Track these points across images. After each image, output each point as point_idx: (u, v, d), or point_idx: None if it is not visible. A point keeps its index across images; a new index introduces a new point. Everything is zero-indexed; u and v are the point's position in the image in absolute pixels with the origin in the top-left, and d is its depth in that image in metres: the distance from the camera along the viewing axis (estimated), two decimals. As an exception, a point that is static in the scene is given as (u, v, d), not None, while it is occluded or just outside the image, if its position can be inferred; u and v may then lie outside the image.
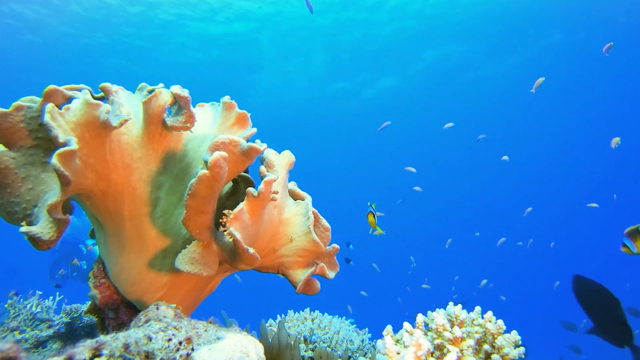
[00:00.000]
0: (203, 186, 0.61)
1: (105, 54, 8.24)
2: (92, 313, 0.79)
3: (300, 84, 10.16)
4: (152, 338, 0.51)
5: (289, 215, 0.84)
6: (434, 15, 7.79)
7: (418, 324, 0.75)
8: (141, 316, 0.64)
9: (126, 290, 0.75)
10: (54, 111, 0.60)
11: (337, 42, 8.60)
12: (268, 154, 0.78)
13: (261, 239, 0.78)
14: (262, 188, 0.68)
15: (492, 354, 0.70)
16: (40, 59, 8.04)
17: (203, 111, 0.85)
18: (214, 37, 8.06)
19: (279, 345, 0.93)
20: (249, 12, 7.41)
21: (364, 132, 12.81)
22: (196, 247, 0.66)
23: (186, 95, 0.70)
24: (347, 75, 9.86)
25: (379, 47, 8.79)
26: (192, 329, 0.58)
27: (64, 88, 0.69)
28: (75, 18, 6.93)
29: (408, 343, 0.62)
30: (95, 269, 0.78)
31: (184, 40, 8.05)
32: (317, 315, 1.35)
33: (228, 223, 0.64)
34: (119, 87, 0.76)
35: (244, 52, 8.61)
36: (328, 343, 1.22)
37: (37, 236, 0.58)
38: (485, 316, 0.77)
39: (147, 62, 8.63)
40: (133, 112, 0.73)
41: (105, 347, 0.45)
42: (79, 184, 0.63)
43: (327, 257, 0.85)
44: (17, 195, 0.66)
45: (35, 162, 0.68)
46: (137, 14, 7.05)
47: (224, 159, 0.61)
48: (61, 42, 7.64)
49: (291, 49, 8.71)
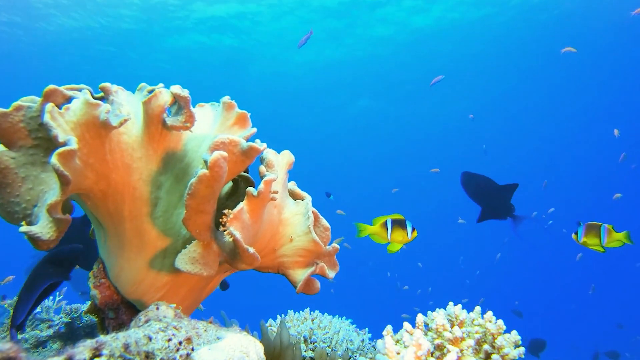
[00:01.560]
0: (203, 186, 0.61)
1: (99, 40, 8.06)
2: (92, 313, 0.79)
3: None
4: (152, 338, 0.51)
5: (289, 215, 0.84)
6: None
7: (418, 324, 0.75)
8: (141, 316, 0.64)
9: (126, 290, 0.75)
10: (54, 111, 0.60)
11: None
12: (268, 154, 0.78)
13: (261, 239, 0.78)
14: (262, 188, 0.68)
15: (492, 354, 0.70)
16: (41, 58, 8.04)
17: (203, 111, 0.85)
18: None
19: (280, 345, 0.93)
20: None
21: (363, 132, 12.83)
22: (196, 247, 0.66)
23: (186, 95, 0.70)
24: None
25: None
26: (192, 329, 0.58)
27: (63, 88, 0.69)
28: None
29: (408, 343, 0.62)
30: (95, 269, 0.78)
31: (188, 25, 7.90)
32: (317, 315, 1.35)
33: (228, 223, 0.64)
34: (118, 87, 0.76)
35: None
36: (328, 343, 1.22)
37: (37, 236, 0.58)
38: (485, 316, 0.77)
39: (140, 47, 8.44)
40: (133, 112, 0.73)
41: (105, 347, 0.45)
42: (78, 184, 0.63)
43: (327, 256, 0.85)
44: (17, 195, 0.66)
45: (35, 162, 0.68)
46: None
47: (224, 158, 0.61)
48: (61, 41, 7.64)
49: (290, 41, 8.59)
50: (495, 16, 7.79)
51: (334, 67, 9.59)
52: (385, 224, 1.43)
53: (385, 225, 1.43)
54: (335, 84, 10.32)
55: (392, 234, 1.43)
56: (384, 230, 1.44)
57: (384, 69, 9.67)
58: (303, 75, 9.99)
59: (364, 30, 8.28)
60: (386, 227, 1.43)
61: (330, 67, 9.60)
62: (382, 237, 1.45)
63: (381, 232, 1.44)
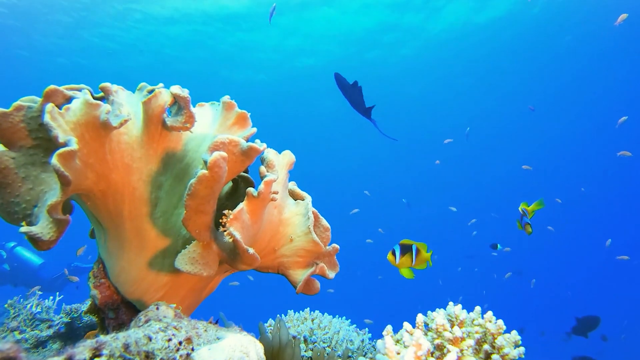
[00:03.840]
0: (203, 186, 0.61)
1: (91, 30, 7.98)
2: (92, 313, 0.79)
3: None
4: (152, 338, 0.51)
5: (289, 215, 0.84)
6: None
7: (418, 324, 0.76)
8: (141, 316, 0.64)
9: (126, 290, 0.75)
10: (54, 111, 0.60)
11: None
12: (268, 154, 0.78)
13: (261, 239, 0.78)
14: (262, 188, 0.68)
15: (492, 354, 0.70)
16: (38, 59, 8.03)
17: (203, 111, 0.85)
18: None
19: (279, 343, 0.93)
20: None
21: (363, 131, 12.81)
22: (196, 247, 0.66)
23: (186, 95, 0.70)
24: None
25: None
26: (192, 329, 0.58)
27: (64, 88, 0.69)
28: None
29: (408, 343, 0.62)
30: (95, 269, 0.78)
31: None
32: (317, 315, 1.35)
33: (228, 223, 0.64)
34: (119, 87, 0.75)
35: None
36: (328, 343, 1.22)
37: (37, 236, 0.58)
38: (485, 316, 0.77)
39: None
40: (133, 112, 0.73)
41: (105, 347, 0.45)
42: (78, 184, 0.63)
43: (327, 257, 0.85)
44: (17, 195, 0.66)
45: (35, 162, 0.68)
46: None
47: (223, 159, 0.61)
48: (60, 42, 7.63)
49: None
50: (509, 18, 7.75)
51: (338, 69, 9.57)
52: (394, 251, 1.45)
53: (394, 252, 1.45)
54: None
55: (402, 259, 1.43)
56: (393, 256, 1.45)
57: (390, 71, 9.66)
58: (304, 75, 9.99)
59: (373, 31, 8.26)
60: (394, 254, 1.44)
61: (334, 69, 9.58)
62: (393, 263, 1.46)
63: (391, 258, 1.45)
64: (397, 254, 1.43)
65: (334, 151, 14.14)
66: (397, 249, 1.43)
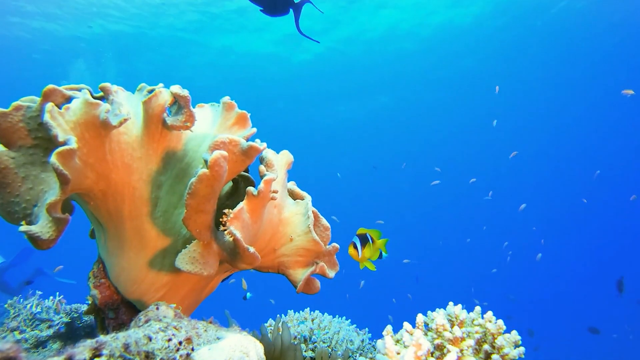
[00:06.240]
0: (203, 185, 0.60)
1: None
2: (92, 313, 0.79)
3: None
4: (152, 338, 0.51)
5: (289, 215, 0.84)
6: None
7: (418, 324, 0.75)
8: (141, 316, 0.64)
9: (126, 290, 0.75)
10: (54, 110, 0.60)
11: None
12: (267, 154, 0.78)
13: (261, 239, 0.78)
14: (262, 187, 0.68)
15: (492, 354, 0.70)
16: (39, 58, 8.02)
17: (203, 111, 0.85)
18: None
19: (281, 345, 0.93)
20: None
21: (363, 132, 12.82)
22: (196, 246, 0.66)
23: (186, 94, 0.70)
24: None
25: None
26: (192, 329, 0.58)
27: (63, 88, 0.69)
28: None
29: (408, 343, 0.62)
30: (95, 269, 0.78)
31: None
32: (317, 315, 1.35)
33: (228, 222, 0.64)
34: (118, 87, 0.75)
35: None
36: (328, 343, 1.22)
37: (37, 235, 0.58)
38: (485, 316, 0.76)
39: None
40: (133, 112, 0.73)
41: (105, 347, 0.45)
42: (78, 184, 0.63)
43: (327, 256, 0.85)
44: (17, 194, 0.66)
45: (35, 161, 0.68)
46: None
47: (224, 157, 0.61)
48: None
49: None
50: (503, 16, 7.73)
51: (336, 65, 9.55)
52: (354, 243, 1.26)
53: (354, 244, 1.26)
54: (336, 84, 10.31)
55: (363, 251, 1.25)
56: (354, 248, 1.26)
57: (391, 69, 9.65)
58: (305, 75, 9.98)
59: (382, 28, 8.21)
60: (356, 247, 1.25)
61: (334, 65, 9.55)
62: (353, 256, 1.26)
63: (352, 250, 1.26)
64: (359, 247, 1.23)
65: (334, 151, 14.14)
66: (357, 241, 1.24)
